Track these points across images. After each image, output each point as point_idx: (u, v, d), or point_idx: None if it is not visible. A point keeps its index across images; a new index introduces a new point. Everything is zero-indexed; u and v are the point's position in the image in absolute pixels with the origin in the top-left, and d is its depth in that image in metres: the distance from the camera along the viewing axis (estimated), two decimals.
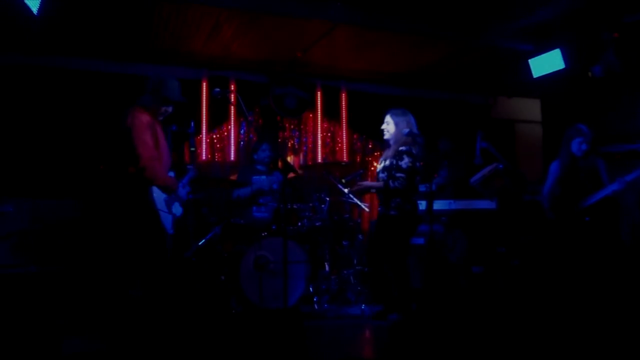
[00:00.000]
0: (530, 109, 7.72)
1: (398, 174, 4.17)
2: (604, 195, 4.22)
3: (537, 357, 2.58)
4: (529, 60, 5.74)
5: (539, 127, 6.77)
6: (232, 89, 6.39)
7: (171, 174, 3.53)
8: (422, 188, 5.37)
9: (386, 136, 4.38)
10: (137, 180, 3.24)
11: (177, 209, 3.53)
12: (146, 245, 3.27)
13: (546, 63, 5.61)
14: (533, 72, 5.75)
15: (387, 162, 4.27)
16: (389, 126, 4.35)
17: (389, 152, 4.33)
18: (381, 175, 4.30)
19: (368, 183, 4.74)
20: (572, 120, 4.54)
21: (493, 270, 5.43)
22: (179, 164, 5.42)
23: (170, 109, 3.54)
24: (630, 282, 4.26)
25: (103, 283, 4.44)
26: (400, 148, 4.24)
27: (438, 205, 5.45)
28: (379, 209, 4.38)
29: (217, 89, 3.70)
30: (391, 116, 4.34)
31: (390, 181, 4.17)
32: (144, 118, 3.31)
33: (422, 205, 5.29)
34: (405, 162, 4.19)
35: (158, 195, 3.36)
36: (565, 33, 5.54)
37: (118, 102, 5.81)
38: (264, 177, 5.16)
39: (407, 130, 4.21)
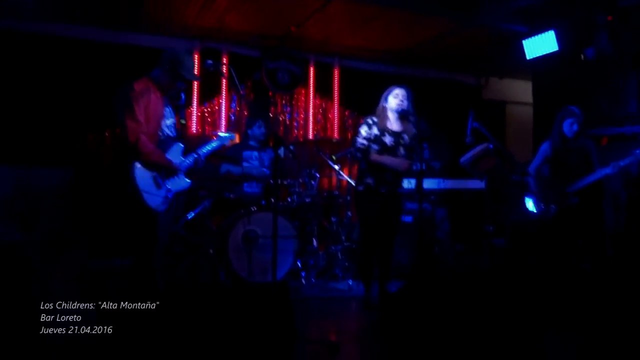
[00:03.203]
0: (522, 90, 7.74)
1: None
2: (596, 179, 4.18)
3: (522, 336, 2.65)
4: (523, 42, 5.73)
5: (529, 109, 6.79)
6: (225, 61, 6.33)
7: (179, 145, 3.45)
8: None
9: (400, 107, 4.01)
10: (120, 154, 3.17)
11: (178, 182, 3.41)
12: (129, 221, 3.24)
13: (540, 45, 5.60)
14: (527, 54, 5.74)
15: (409, 141, 4.04)
16: (405, 102, 4.01)
17: (405, 127, 4.06)
18: (402, 152, 4.02)
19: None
20: (562, 102, 4.54)
21: (478, 248, 5.49)
22: None
23: (183, 86, 3.48)
24: (616, 267, 4.34)
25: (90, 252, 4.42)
26: (415, 130, 3.97)
27: (427, 184, 5.48)
28: (388, 188, 4.01)
29: (210, 61, 3.62)
30: (407, 91, 4.06)
31: (414, 163, 3.98)
32: (139, 87, 3.22)
33: (412, 184, 5.33)
34: None
35: (143, 172, 3.22)
36: (559, 15, 5.52)
37: (109, 71, 5.78)
38: (255, 152, 5.15)
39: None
